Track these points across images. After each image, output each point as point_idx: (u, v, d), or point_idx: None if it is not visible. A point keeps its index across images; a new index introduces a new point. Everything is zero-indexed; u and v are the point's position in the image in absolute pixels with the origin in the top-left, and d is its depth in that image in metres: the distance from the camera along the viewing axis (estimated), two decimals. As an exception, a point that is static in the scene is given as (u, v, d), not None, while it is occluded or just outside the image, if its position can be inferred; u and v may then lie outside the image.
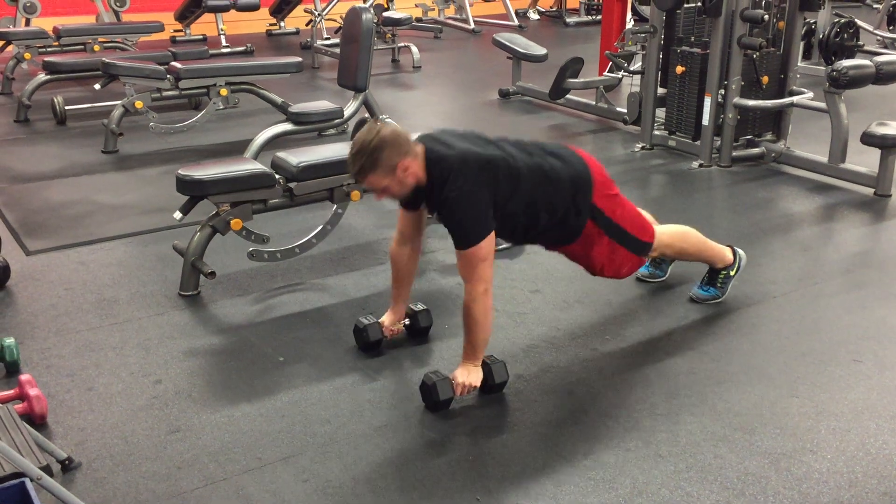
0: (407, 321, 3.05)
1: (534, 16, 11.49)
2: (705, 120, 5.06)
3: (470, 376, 2.65)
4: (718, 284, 3.31)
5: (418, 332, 3.06)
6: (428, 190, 2.66)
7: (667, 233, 3.14)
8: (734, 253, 3.33)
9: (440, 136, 2.75)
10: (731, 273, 3.31)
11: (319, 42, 8.56)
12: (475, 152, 2.64)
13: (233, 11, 9.01)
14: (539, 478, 2.33)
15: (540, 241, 2.99)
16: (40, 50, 7.23)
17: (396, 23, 8.06)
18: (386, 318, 3.00)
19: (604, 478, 2.32)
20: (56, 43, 7.30)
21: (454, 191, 2.57)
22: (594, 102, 6.31)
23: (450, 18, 10.93)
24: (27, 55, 7.18)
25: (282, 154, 3.66)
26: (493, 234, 2.62)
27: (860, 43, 7.41)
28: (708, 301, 3.31)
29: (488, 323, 2.67)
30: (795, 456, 2.41)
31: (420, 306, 3.07)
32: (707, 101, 5.02)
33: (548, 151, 2.86)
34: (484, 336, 2.67)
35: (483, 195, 2.59)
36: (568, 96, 6.39)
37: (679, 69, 5.18)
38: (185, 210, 3.47)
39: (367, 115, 5.15)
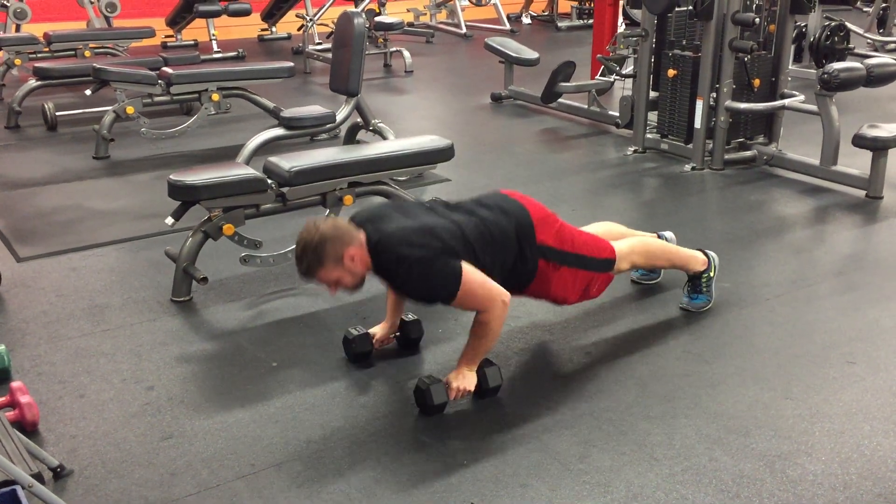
0: (397, 333, 3.02)
1: (526, 20, 11.51)
2: (697, 123, 5.07)
3: (465, 381, 2.64)
4: (704, 289, 3.29)
5: (409, 344, 3.04)
6: (379, 272, 2.67)
7: (626, 245, 3.10)
8: (705, 254, 3.32)
9: (377, 213, 2.73)
10: (711, 274, 3.30)
11: (311, 47, 8.55)
12: (411, 225, 2.62)
13: (224, 17, 9.00)
14: (534, 482, 2.32)
15: None
16: (31, 56, 7.20)
17: (388, 27, 8.06)
18: (378, 331, 2.98)
19: (599, 481, 2.32)
20: (46, 49, 7.27)
21: (403, 270, 2.56)
22: (586, 106, 6.32)
23: (442, 23, 10.94)
24: (17, 61, 7.15)
25: (274, 159, 3.66)
26: (463, 263, 2.58)
27: (851, 46, 7.44)
28: (701, 309, 3.29)
29: (499, 334, 2.67)
30: (790, 458, 2.41)
31: (411, 316, 3.03)
32: (699, 105, 5.03)
33: (484, 205, 2.83)
34: (491, 346, 2.69)
35: (428, 252, 2.55)
36: (560, 100, 6.40)
37: (671, 72, 5.19)
38: (177, 215, 3.45)
39: (359, 119, 5.14)
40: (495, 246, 2.73)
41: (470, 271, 2.59)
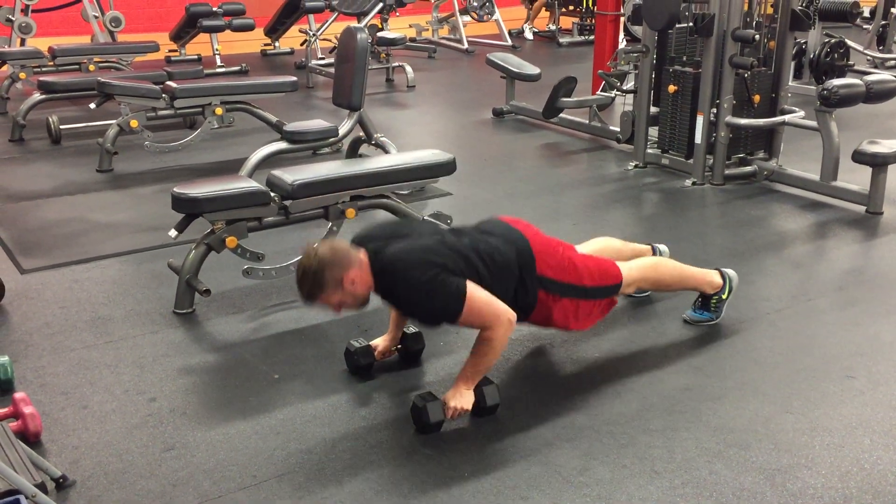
0: (399, 345, 3.02)
1: (529, 35, 11.56)
2: (698, 138, 5.09)
3: (462, 400, 2.62)
4: (712, 308, 3.28)
5: (410, 356, 3.04)
6: (382, 292, 2.68)
7: (635, 268, 3.08)
8: (722, 275, 3.27)
9: (379, 233, 2.74)
10: (724, 296, 3.26)
11: (314, 62, 8.60)
12: (413, 245, 2.63)
13: (228, 32, 9.05)
14: (534, 494, 2.33)
15: None
16: (35, 69, 7.24)
17: (391, 43, 8.10)
18: (380, 343, 2.98)
19: (599, 494, 2.33)
20: (51, 63, 7.31)
21: (406, 289, 2.57)
22: (587, 121, 6.35)
23: (444, 38, 11.00)
24: (22, 75, 7.19)
25: (277, 172, 3.68)
26: (467, 282, 2.58)
27: (850, 62, 7.48)
28: (702, 323, 3.29)
29: (501, 352, 2.67)
30: (790, 471, 2.41)
31: (412, 329, 3.03)
32: (699, 120, 5.06)
33: (484, 231, 2.85)
34: (491, 365, 2.68)
35: (432, 271, 2.55)
36: (561, 115, 6.43)
37: (671, 88, 5.22)
38: (181, 228, 3.47)
39: (361, 133, 5.17)
40: (499, 273, 2.73)
41: (474, 289, 2.58)
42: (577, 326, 2.97)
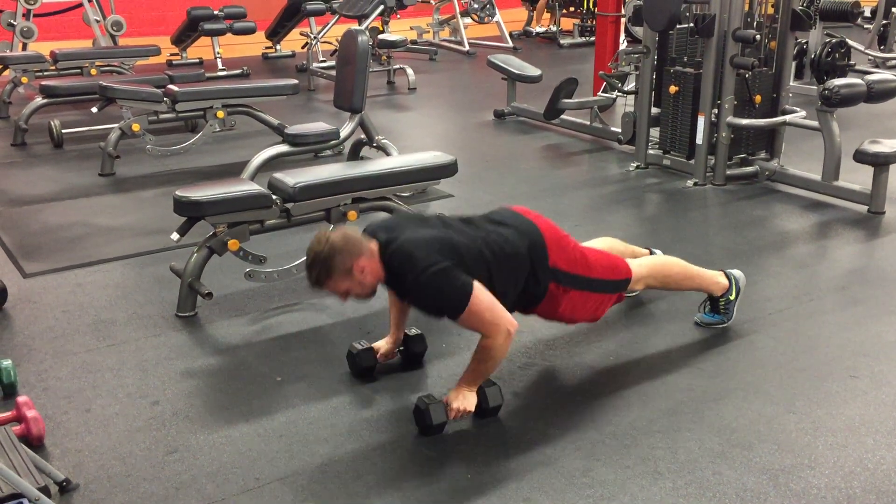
0: (401, 347, 3.02)
1: (540, 28, 11.54)
2: (699, 139, 5.09)
3: (465, 401, 2.63)
4: (721, 310, 3.27)
5: (413, 358, 3.04)
6: (391, 282, 2.69)
7: (645, 265, 3.08)
8: (728, 276, 3.27)
9: (392, 224, 2.74)
10: (731, 297, 3.26)
11: (315, 64, 8.61)
12: (425, 236, 2.63)
13: (229, 35, 9.07)
14: (537, 495, 2.33)
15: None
16: (37, 74, 7.25)
17: (392, 45, 8.11)
18: (382, 345, 2.97)
19: (603, 495, 2.33)
20: (53, 67, 7.33)
21: (414, 278, 2.55)
22: (589, 122, 6.35)
23: (444, 40, 11.00)
24: (24, 79, 7.20)
25: (278, 175, 3.68)
26: (474, 282, 2.55)
27: (851, 62, 7.47)
28: (714, 325, 3.28)
29: (501, 360, 2.66)
30: (793, 472, 2.41)
31: (414, 331, 3.02)
32: (700, 121, 5.06)
33: (497, 221, 2.83)
34: (492, 370, 2.67)
35: (442, 263, 2.53)
36: (563, 116, 6.43)
37: (672, 89, 5.22)
38: (183, 231, 3.48)
39: (362, 136, 5.18)
40: (508, 263, 2.72)
41: (480, 292, 2.56)
42: (581, 320, 2.98)
